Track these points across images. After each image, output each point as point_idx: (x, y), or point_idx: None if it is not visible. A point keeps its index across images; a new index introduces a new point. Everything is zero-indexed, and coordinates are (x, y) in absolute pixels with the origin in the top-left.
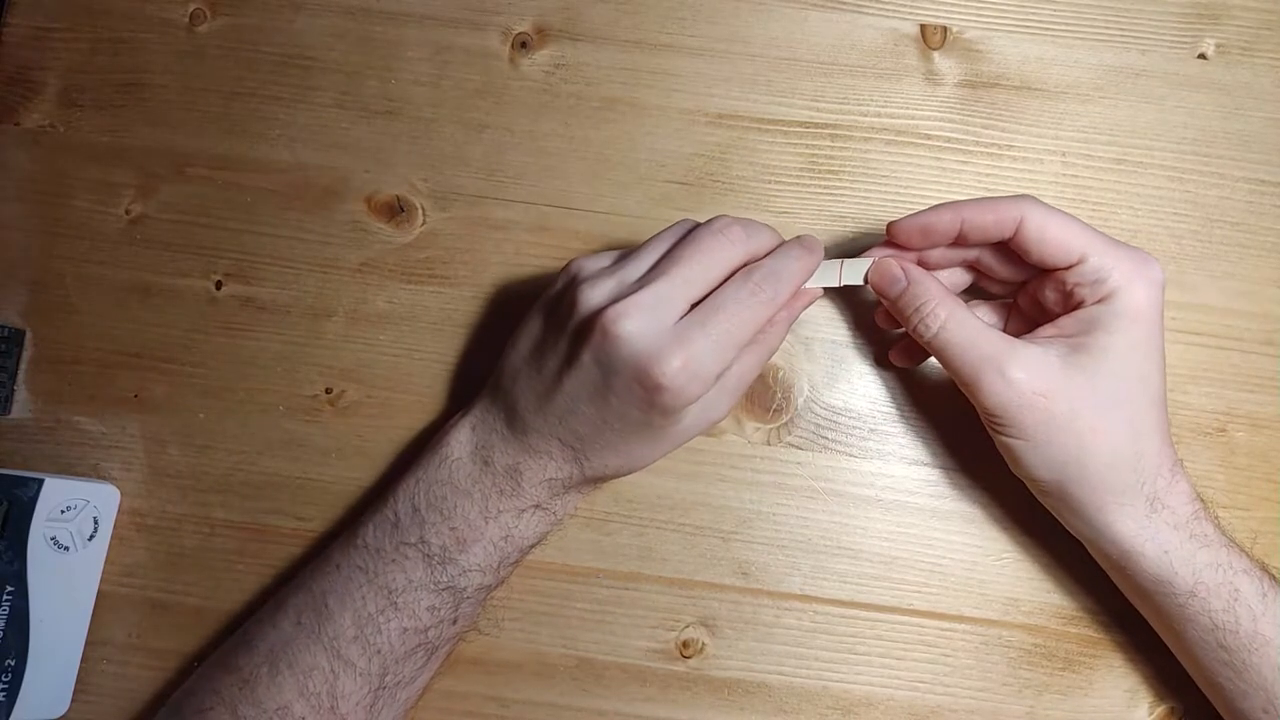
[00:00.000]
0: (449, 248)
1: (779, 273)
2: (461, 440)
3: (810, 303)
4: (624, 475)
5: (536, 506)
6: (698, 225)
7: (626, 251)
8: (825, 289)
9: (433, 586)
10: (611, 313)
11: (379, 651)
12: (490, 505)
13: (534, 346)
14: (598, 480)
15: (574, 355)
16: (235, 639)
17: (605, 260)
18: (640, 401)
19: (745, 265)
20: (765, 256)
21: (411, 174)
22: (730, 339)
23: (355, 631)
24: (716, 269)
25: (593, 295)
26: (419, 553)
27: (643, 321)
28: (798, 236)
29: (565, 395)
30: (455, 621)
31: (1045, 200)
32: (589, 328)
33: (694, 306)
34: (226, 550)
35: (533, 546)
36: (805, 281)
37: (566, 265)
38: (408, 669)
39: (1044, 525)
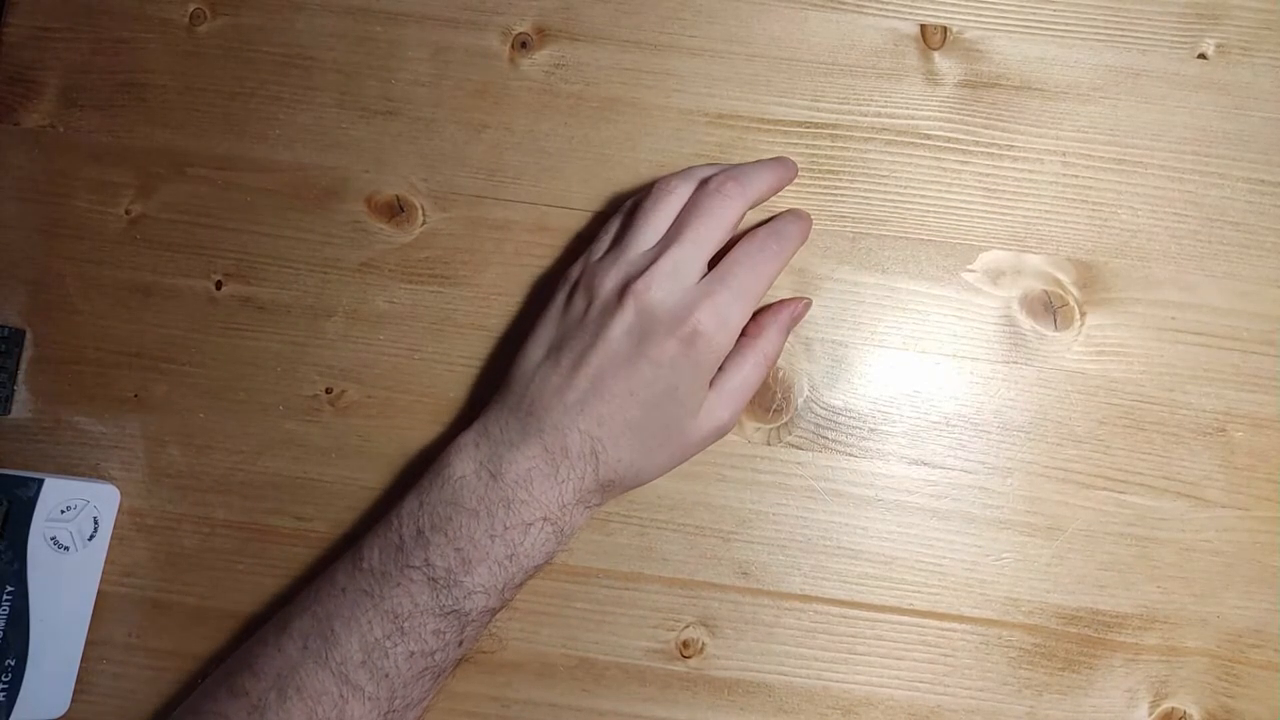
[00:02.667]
0: (449, 248)
1: (781, 232)
2: (465, 458)
3: (805, 310)
4: (632, 484)
5: (544, 519)
6: (697, 190)
7: (618, 232)
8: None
9: (438, 610)
10: (639, 285)
11: (386, 675)
12: (496, 522)
13: (549, 347)
14: (608, 486)
15: (599, 335)
16: (238, 660)
17: (600, 248)
18: (675, 356)
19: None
20: (769, 220)
21: (411, 174)
22: (749, 290)
23: (363, 656)
24: (724, 227)
25: (608, 278)
26: (424, 575)
27: (669, 285)
28: (790, 209)
29: (589, 376)
30: (461, 644)
31: (1045, 200)
32: (615, 304)
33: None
34: (226, 550)
35: (538, 568)
36: (804, 239)
37: (564, 273)
38: (415, 691)
39: (1044, 525)
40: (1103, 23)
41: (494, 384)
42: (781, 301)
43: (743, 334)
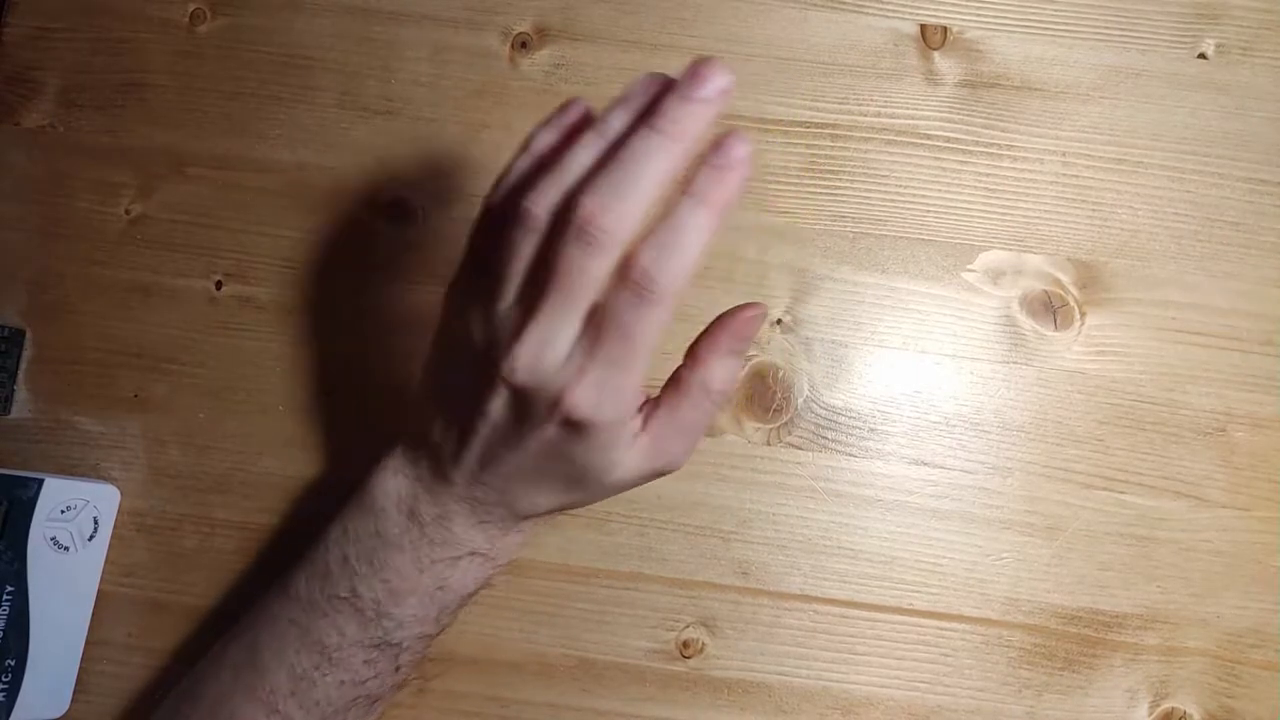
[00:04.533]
0: (449, 248)
1: (664, 264)
2: (386, 490)
3: (755, 323)
4: (570, 510)
5: (472, 553)
6: (559, 223)
7: (478, 261)
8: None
9: (367, 642)
10: (505, 364)
11: (317, 703)
12: (422, 555)
13: (440, 386)
14: (534, 517)
15: (478, 407)
16: (188, 681)
17: (465, 275)
18: (557, 441)
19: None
20: (663, 220)
21: (411, 174)
22: (624, 359)
23: (291, 687)
24: (593, 283)
25: (475, 329)
26: (351, 606)
27: (535, 365)
28: (704, 174)
29: (478, 447)
30: (398, 670)
31: (1045, 200)
32: (486, 374)
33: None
34: (226, 550)
35: (476, 592)
36: (713, 230)
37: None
38: (349, 718)
39: (1044, 525)
40: (1103, 23)
41: None
42: (720, 321)
43: (681, 367)
